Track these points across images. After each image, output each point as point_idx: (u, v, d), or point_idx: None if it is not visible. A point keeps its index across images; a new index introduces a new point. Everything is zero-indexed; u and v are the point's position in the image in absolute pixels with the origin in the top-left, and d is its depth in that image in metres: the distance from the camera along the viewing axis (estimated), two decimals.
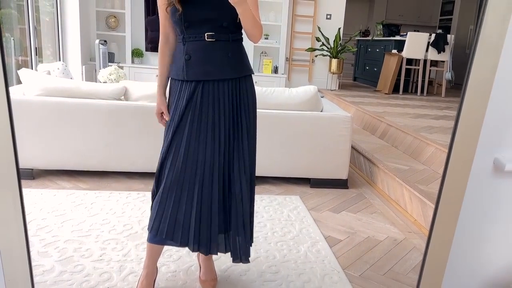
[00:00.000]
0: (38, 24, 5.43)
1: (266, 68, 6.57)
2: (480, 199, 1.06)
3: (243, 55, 1.68)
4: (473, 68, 0.87)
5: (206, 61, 1.59)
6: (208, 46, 1.59)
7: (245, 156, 1.68)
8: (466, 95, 0.89)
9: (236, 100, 1.64)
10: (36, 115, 2.93)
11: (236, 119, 1.65)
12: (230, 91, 1.62)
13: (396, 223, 2.67)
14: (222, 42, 1.59)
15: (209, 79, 1.60)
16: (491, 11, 0.80)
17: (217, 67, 1.60)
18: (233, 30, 1.61)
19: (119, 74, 4.13)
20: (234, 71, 1.62)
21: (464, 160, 0.95)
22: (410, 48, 6.54)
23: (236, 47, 1.64)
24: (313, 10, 6.79)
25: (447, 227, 1.09)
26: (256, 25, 1.56)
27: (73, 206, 2.62)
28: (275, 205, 2.81)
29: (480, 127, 0.92)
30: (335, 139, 3.12)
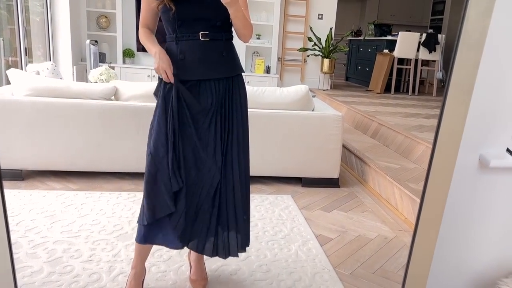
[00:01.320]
0: (28, 24, 5.39)
1: (258, 68, 6.57)
2: (465, 196, 1.06)
3: (234, 54, 1.69)
4: (456, 65, 0.87)
5: (202, 61, 1.59)
6: (203, 45, 1.58)
7: (240, 153, 1.69)
8: (449, 92, 0.90)
9: (229, 98, 1.65)
10: (25, 115, 2.91)
11: (229, 117, 1.66)
12: (224, 89, 1.63)
13: (386, 221, 2.68)
14: (216, 41, 1.60)
15: (205, 79, 1.60)
16: (473, 7, 0.80)
17: (212, 66, 1.60)
18: (226, 29, 1.62)
19: (110, 74, 4.11)
20: (228, 70, 1.64)
21: (448, 157, 0.96)
22: (401, 48, 6.57)
23: (229, 46, 1.66)
24: (305, 10, 6.80)
25: (432, 224, 1.10)
26: (246, 25, 1.57)
27: (63, 207, 2.60)
28: (266, 205, 2.81)
29: (463, 124, 0.93)
30: (327, 138, 3.12)
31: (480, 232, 1.14)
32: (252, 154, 3.08)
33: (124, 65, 6.37)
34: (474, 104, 0.93)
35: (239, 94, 1.68)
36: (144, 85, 3.06)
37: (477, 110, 0.95)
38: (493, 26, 0.84)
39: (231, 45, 1.67)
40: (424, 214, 0.99)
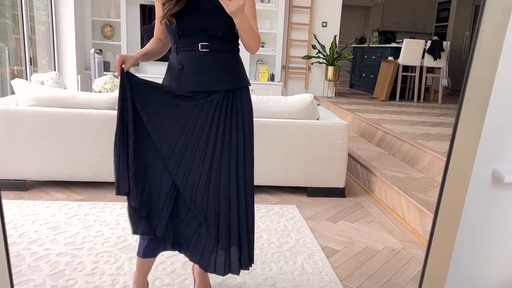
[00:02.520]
0: (33, 34, 5.41)
1: (263, 76, 6.56)
2: (480, 211, 1.03)
3: (239, 66, 1.63)
4: (470, 79, 0.85)
5: (200, 72, 1.55)
6: (202, 57, 1.55)
7: (245, 167, 1.63)
8: (463, 107, 0.87)
9: (230, 112, 1.59)
10: (29, 125, 2.90)
11: (230, 131, 1.60)
12: (224, 102, 1.58)
13: (394, 232, 2.64)
14: (217, 53, 1.55)
15: (202, 90, 1.56)
16: (487, 22, 0.77)
17: (210, 78, 1.56)
18: (228, 41, 1.57)
19: (114, 83, 4.11)
20: (228, 82, 1.58)
21: (462, 172, 0.93)
22: (406, 55, 6.55)
23: (231, 58, 1.59)
24: (309, 18, 6.79)
25: (446, 239, 1.06)
26: (253, 36, 1.52)
27: (67, 218, 2.58)
28: (271, 215, 2.78)
29: (478, 139, 0.90)
30: (332, 147, 3.09)
31: (495, 246, 1.11)
32: (257, 163, 3.05)
33: None
34: (489, 119, 0.90)
35: (242, 108, 1.61)
36: None
37: (491, 125, 0.92)
38: (508, 41, 0.82)
39: (234, 57, 1.61)
40: (439, 229, 0.96)
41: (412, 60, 6.60)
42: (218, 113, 1.57)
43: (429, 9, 10.24)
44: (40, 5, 5.70)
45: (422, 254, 2.37)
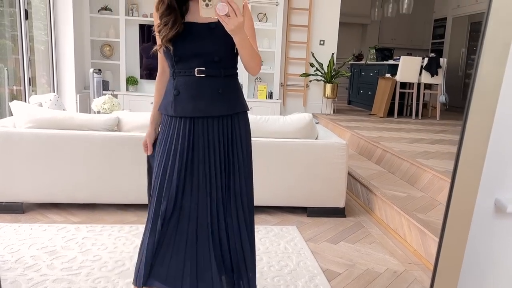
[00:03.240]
0: (32, 54, 5.44)
1: (261, 94, 6.58)
2: (485, 240, 1.01)
3: (236, 91, 1.61)
4: (471, 110, 0.84)
5: (195, 97, 1.54)
6: (198, 82, 1.53)
7: (242, 195, 1.61)
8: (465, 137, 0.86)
9: (228, 137, 1.58)
10: (27, 147, 2.89)
11: (229, 157, 1.59)
12: (221, 128, 1.56)
13: (395, 253, 2.61)
14: (213, 78, 1.54)
15: (198, 116, 1.55)
16: (486, 54, 0.77)
17: (206, 103, 1.54)
18: (225, 66, 1.55)
19: (113, 103, 4.11)
20: (224, 108, 1.56)
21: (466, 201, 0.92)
22: (403, 72, 6.59)
23: (228, 83, 1.58)
24: (307, 37, 6.85)
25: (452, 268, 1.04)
26: (254, 56, 1.50)
27: (64, 242, 2.55)
28: (271, 237, 2.75)
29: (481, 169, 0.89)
30: (331, 166, 3.08)
31: (501, 275, 1.09)
32: (256, 183, 3.03)
33: (127, 92, 6.40)
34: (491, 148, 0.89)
35: (239, 134, 1.60)
36: (146, 116, 3.04)
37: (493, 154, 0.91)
38: (508, 73, 0.81)
39: (231, 82, 1.59)
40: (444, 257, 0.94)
41: (410, 77, 6.64)
42: (217, 139, 1.56)
43: (425, 26, 10.34)
44: (40, 25, 5.74)
45: (424, 276, 2.34)
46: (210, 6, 1.30)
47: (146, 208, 1.71)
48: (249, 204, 1.65)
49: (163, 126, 1.63)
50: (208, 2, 1.29)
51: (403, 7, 8.12)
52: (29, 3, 5.30)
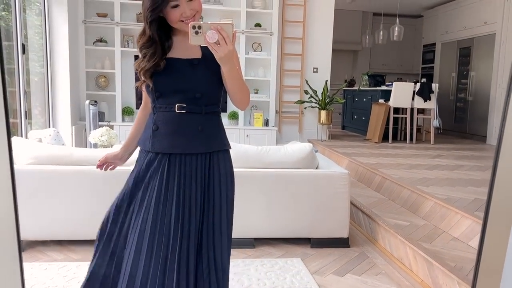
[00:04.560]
0: (28, 87, 5.44)
1: (257, 122, 6.62)
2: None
3: (217, 128, 1.58)
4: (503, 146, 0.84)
5: (174, 133, 1.51)
6: (178, 118, 1.50)
7: (215, 241, 1.55)
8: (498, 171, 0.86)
9: (206, 176, 1.54)
10: (27, 184, 2.85)
11: (206, 196, 1.55)
12: (199, 166, 1.52)
13: (402, 284, 2.58)
14: (193, 115, 1.51)
15: (176, 153, 1.51)
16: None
17: (184, 140, 1.50)
18: (207, 102, 1.53)
19: (110, 135, 4.09)
20: (203, 145, 1.52)
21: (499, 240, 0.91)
22: (396, 98, 6.68)
23: (209, 120, 1.55)
24: (300, 65, 6.95)
25: None
26: (242, 87, 1.48)
27: (65, 281, 2.49)
28: (276, 270, 2.71)
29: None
30: (334, 196, 3.07)
31: None
32: (258, 214, 3.03)
33: (123, 123, 6.39)
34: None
35: (218, 173, 1.55)
36: None
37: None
38: None
39: (212, 120, 1.56)
40: None
41: (403, 102, 6.74)
42: (194, 177, 1.52)
43: (415, 51, 10.56)
44: (35, 56, 5.76)
45: None
46: (200, 34, 1.30)
47: None
48: (223, 252, 1.57)
49: (140, 160, 1.60)
50: (198, 30, 1.30)
51: (394, 34, 8.30)
52: (25, 36, 5.33)
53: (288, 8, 6.84)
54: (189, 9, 1.44)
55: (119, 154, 1.78)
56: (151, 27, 1.47)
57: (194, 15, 1.46)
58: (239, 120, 6.57)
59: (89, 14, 6.28)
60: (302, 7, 6.83)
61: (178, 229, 1.49)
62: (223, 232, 1.57)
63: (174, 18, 1.45)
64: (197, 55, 1.52)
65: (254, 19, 6.61)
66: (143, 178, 1.55)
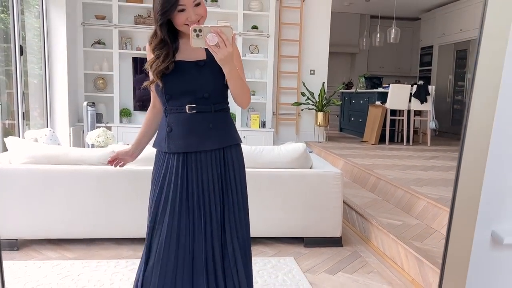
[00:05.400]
0: (26, 88, 5.47)
1: (254, 123, 6.65)
2: (483, 274, 1.03)
3: (227, 124, 1.66)
4: (466, 143, 0.88)
5: (187, 133, 1.58)
6: (190, 118, 1.58)
7: (237, 226, 1.64)
8: (461, 169, 0.89)
9: (221, 170, 1.62)
10: (22, 183, 2.88)
11: (222, 190, 1.62)
12: (214, 162, 1.60)
13: (394, 283, 2.61)
14: (204, 114, 1.59)
15: (191, 151, 1.59)
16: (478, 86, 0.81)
17: (198, 139, 1.58)
18: (215, 101, 1.60)
19: (107, 136, 4.12)
20: (216, 142, 1.60)
21: (464, 234, 0.94)
22: (393, 100, 6.72)
23: (219, 118, 1.62)
24: (297, 67, 6.99)
25: None
26: (244, 88, 1.55)
27: (59, 279, 2.51)
28: (269, 269, 2.74)
29: (478, 200, 0.92)
30: (327, 196, 3.10)
31: None
32: (252, 214, 3.03)
33: (121, 124, 6.42)
34: (487, 180, 0.93)
35: (232, 166, 1.64)
36: None
37: (489, 186, 0.95)
38: (501, 104, 0.86)
39: (222, 116, 1.64)
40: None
41: (399, 104, 6.77)
42: (210, 172, 1.60)
43: (412, 54, 10.61)
44: (33, 59, 5.80)
45: None
46: (201, 37, 1.36)
47: (142, 242, 1.73)
48: (244, 236, 1.67)
49: (157, 162, 1.67)
50: (198, 33, 1.36)
51: (391, 37, 8.35)
52: (23, 38, 5.37)
53: (284, 11, 6.88)
54: (195, 14, 1.51)
55: (130, 151, 1.82)
56: (162, 29, 1.54)
57: (199, 20, 1.53)
58: (236, 121, 6.60)
59: (87, 17, 6.33)
60: (298, 9, 6.88)
61: (202, 228, 1.58)
62: (243, 223, 1.67)
63: (180, 21, 1.52)
64: (202, 57, 1.59)
65: (251, 21, 6.65)
66: (164, 178, 1.62)
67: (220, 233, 1.62)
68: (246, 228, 1.69)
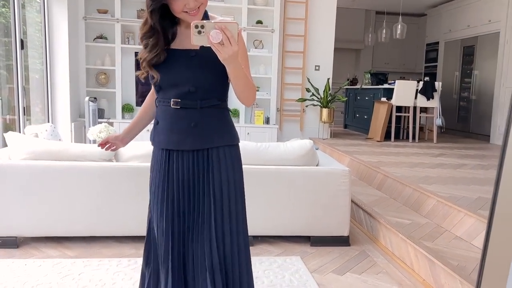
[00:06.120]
0: (26, 83, 5.40)
1: (258, 119, 6.56)
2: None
3: (218, 124, 1.51)
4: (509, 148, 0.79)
5: (170, 129, 1.48)
6: (173, 113, 1.47)
7: (220, 238, 1.50)
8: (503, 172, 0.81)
9: (203, 172, 1.49)
10: (22, 180, 2.80)
11: (205, 195, 1.50)
12: (196, 163, 1.49)
13: (403, 283, 2.52)
14: (188, 110, 1.46)
15: (172, 149, 1.50)
16: None
17: (179, 136, 1.47)
18: (203, 97, 1.45)
19: (109, 132, 4.04)
20: (197, 142, 1.47)
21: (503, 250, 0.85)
22: (399, 96, 6.61)
23: (206, 115, 1.47)
24: (302, 62, 6.89)
25: None
26: (248, 87, 1.40)
27: (60, 278, 2.44)
28: (275, 268, 2.66)
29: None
30: (334, 194, 3.02)
31: None
32: (257, 212, 2.97)
33: (123, 120, 6.34)
34: None
35: (218, 168, 1.49)
36: (144, 145, 2.99)
37: None
38: None
39: (211, 114, 1.49)
40: None
41: (405, 101, 6.66)
42: (191, 173, 1.50)
43: (418, 50, 10.49)
44: (35, 54, 5.72)
45: None
46: (203, 34, 1.21)
47: (143, 240, 1.68)
48: (233, 248, 1.53)
49: (152, 155, 1.60)
50: (200, 30, 1.21)
51: (396, 33, 8.23)
52: (24, 33, 5.29)
53: (289, 6, 6.78)
54: (193, 0, 1.37)
55: (120, 136, 1.75)
56: (152, 16, 1.40)
57: (198, 7, 1.39)
58: (240, 117, 6.52)
59: (89, 11, 6.24)
60: (304, 4, 6.77)
61: (181, 227, 1.51)
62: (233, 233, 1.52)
63: (178, 8, 1.37)
64: (196, 46, 1.41)
65: (255, 16, 6.56)
66: (153, 169, 1.57)
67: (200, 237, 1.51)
68: (237, 239, 1.53)
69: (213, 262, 1.48)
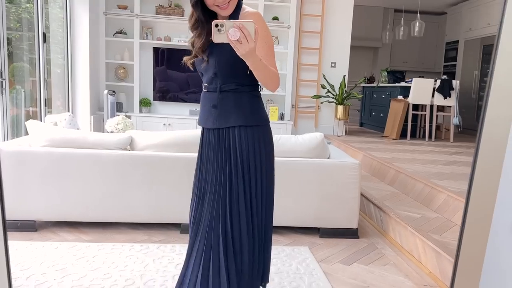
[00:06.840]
0: (48, 76, 5.56)
1: (273, 115, 6.60)
2: (502, 259, 0.98)
3: (237, 105, 1.61)
4: (485, 127, 0.83)
5: (202, 110, 1.70)
6: (204, 96, 1.68)
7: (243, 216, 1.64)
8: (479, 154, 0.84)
9: (228, 150, 1.64)
10: (41, 166, 2.92)
11: (230, 171, 1.63)
12: (219, 140, 1.65)
13: (410, 275, 2.54)
14: (211, 93, 1.64)
15: (206, 127, 1.70)
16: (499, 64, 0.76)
17: (206, 116, 1.67)
18: (223, 81, 1.60)
19: (126, 124, 4.15)
20: (216, 122, 1.64)
21: (482, 219, 0.89)
22: (416, 94, 6.57)
23: (225, 98, 1.61)
24: (318, 59, 6.90)
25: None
26: (269, 75, 1.52)
27: (75, 260, 2.54)
28: (283, 257, 2.71)
29: (497, 185, 0.87)
30: (344, 186, 3.04)
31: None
32: None
33: (140, 114, 6.47)
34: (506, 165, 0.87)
35: (240, 148, 1.61)
36: (159, 135, 3.07)
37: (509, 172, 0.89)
38: None
39: (228, 96, 1.61)
40: (460, 277, 0.91)
41: (422, 99, 6.61)
42: (217, 150, 1.66)
43: (437, 49, 10.36)
44: (57, 48, 5.89)
45: None
46: (222, 32, 1.36)
47: (156, 227, 1.79)
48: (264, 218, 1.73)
49: None
50: (220, 28, 1.35)
51: (415, 30, 8.16)
52: (47, 27, 5.45)
53: (306, 2, 6.80)
54: None
55: None
56: (195, 9, 1.57)
57: (228, 1, 1.54)
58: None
59: (109, 6, 6.38)
60: (320, 0, 6.78)
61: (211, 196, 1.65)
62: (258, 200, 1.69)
63: (209, 2, 1.54)
64: None
65: (271, 12, 6.60)
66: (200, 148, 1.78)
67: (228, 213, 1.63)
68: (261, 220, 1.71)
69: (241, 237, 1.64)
